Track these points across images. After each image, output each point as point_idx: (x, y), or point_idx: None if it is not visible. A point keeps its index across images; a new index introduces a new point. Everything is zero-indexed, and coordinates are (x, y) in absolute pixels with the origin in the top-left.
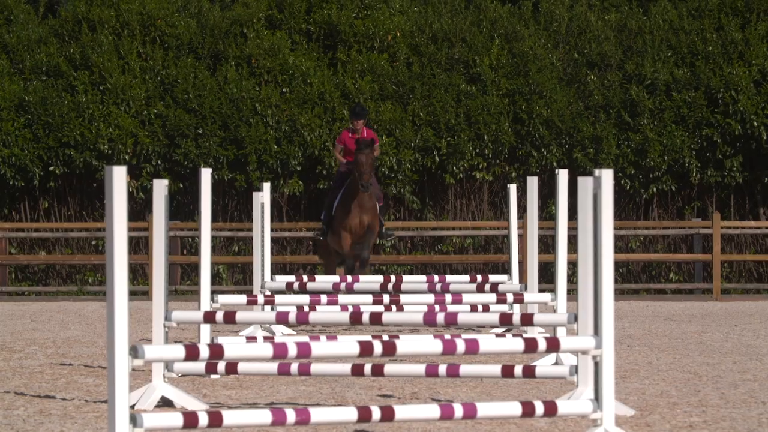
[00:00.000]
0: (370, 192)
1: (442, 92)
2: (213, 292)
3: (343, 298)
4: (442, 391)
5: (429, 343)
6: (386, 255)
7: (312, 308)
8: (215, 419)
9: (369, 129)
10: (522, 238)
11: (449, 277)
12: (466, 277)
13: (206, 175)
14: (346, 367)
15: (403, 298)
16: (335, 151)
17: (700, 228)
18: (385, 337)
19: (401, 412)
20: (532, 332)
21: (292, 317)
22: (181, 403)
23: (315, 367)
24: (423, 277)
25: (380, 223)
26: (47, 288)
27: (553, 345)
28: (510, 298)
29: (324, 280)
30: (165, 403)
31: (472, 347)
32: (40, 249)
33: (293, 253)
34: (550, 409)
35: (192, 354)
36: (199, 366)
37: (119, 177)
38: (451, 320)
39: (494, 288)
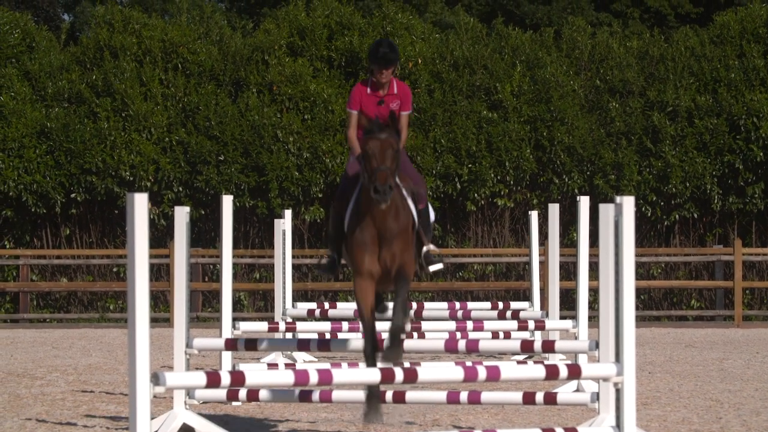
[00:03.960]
0: (393, 202)
1: (464, 119)
2: (234, 319)
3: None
4: (463, 418)
5: (450, 370)
6: None
7: (333, 335)
8: None
9: (401, 82)
10: (543, 265)
11: (470, 304)
12: (488, 304)
13: (227, 202)
14: None
15: (425, 325)
16: (349, 129)
17: (721, 255)
18: (407, 364)
19: None
20: (554, 359)
21: (313, 344)
22: (203, 431)
23: (336, 394)
24: (444, 304)
25: (420, 246)
26: (69, 315)
27: (575, 372)
28: (531, 324)
29: (345, 307)
30: (186, 431)
31: (494, 374)
32: (61, 276)
33: (314, 280)
34: None
35: (213, 381)
36: (221, 393)
37: (141, 204)
38: (473, 347)
39: (515, 315)
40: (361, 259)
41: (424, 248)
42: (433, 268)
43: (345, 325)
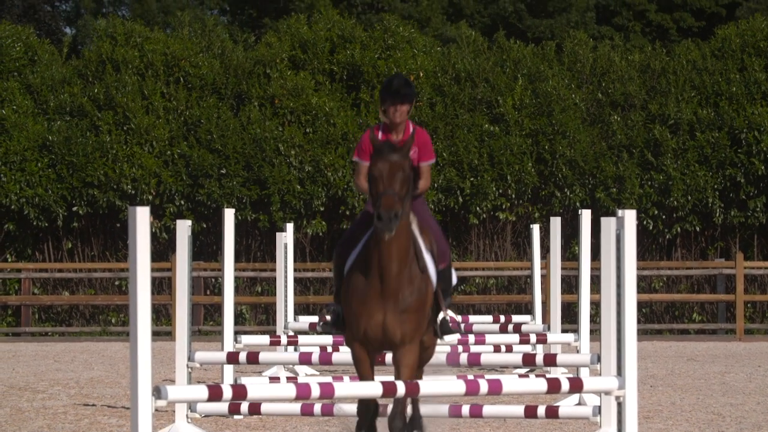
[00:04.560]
0: (406, 254)
1: (465, 132)
2: (236, 333)
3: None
4: None
5: (452, 384)
6: None
7: (335, 349)
8: None
9: (419, 128)
10: (545, 279)
11: (472, 318)
12: (489, 318)
13: (229, 215)
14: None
15: None
16: (358, 178)
17: (723, 268)
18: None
19: None
20: (555, 373)
21: (315, 358)
22: None
23: (338, 408)
24: None
25: (436, 311)
26: (70, 328)
27: (576, 385)
28: (533, 338)
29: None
30: None
31: (495, 388)
32: (63, 289)
33: (316, 293)
34: None
35: (215, 394)
36: (223, 406)
37: (143, 217)
38: (474, 361)
39: (517, 328)
40: (358, 317)
41: (441, 315)
42: (449, 338)
43: None
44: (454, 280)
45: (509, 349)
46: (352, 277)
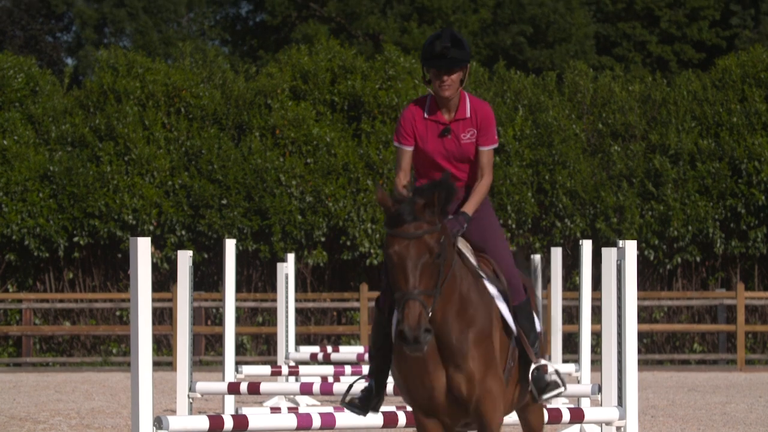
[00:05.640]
0: (460, 294)
1: None
2: (237, 363)
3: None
4: None
5: None
6: None
7: (336, 379)
8: None
9: (478, 100)
10: (546, 309)
11: None
12: None
13: (230, 245)
14: None
15: None
16: (398, 173)
17: (724, 299)
18: (410, 408)
19: None
20: (557, 403)
21: (316, 388)
22: None
23: None
24: None
25: (526, 363)
26: (72, 359)
27: (577, 416)
28: None
29: (348, 351)
30: None
31: None
32: (64, 320)
33: (317, 323)
34: None
35: (216, 425)
36: None
37: (144, 248)
38: None
39: None
40: (417, 387)
41: (533, 365)
42: (549, 395)
43: (348, 369)
44: (538, 327)
45: None
46: (397, 371)
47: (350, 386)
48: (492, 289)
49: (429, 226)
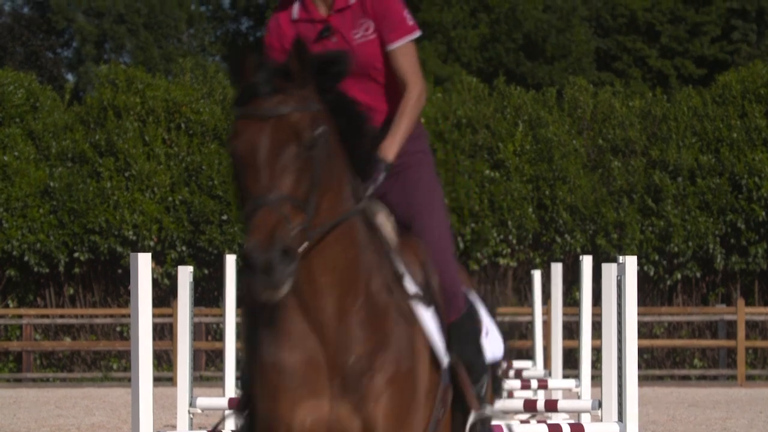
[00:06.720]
0: (338, 257)
1: (466, 178)
2: (238, 378)
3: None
4: None
5: None
6: None
7: None
8: None
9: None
10: (546, 324)
11: None
12: None
13: (231, 261)
14: None
15: None
16: None
17: (724, 314)
18: None
19: None
20: (557, 418)
21: None
22: None
23: None
24: None
25: (462, 411)
26: (72, 374)
27: (578, 431)
28: (534, 383)
29: None
30: None
31: None
32: (64, 335)
33: None
34: None
35: None
36: None
37: (144, 264)
38: None
39: (518, 374)
40: (280, 410)
41: (472, 415)
42: None
43: None
44: (496, 352)
45: (510, 394)
46: (263, 349)
47: (215, 427)
48: (412, 288)
49: (298, 102)
